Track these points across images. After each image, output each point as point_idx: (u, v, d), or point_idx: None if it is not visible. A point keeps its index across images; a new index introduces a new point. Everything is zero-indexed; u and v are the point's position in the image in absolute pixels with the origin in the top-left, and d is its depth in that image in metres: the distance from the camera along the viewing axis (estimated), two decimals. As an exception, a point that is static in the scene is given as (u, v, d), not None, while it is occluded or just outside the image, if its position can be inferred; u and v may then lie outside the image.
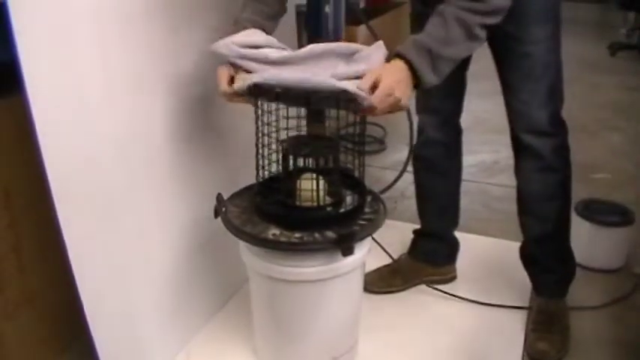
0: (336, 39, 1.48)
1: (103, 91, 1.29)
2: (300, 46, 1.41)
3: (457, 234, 1.99)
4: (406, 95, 1.30)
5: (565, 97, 1.60)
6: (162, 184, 1.52)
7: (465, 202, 2.53)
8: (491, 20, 1.30)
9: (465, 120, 1.84)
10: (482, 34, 1.31)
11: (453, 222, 1.97)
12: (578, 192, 2.32)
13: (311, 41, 1.41)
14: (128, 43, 1.34)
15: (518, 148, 1.63)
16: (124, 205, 1.39)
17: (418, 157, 1.87)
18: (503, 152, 1.66)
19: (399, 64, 1.30)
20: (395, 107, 1.30)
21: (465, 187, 2.62)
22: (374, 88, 1.26)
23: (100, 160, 1.31)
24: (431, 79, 1.30)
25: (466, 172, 2.89)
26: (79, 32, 1.21)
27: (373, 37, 1.42)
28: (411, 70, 1.29)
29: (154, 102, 1.45)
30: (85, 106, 1.25)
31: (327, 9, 1.52)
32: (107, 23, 1.28)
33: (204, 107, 1.62)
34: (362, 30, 4.50)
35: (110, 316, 1.40)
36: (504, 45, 1.54)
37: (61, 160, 1.21)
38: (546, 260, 1.73)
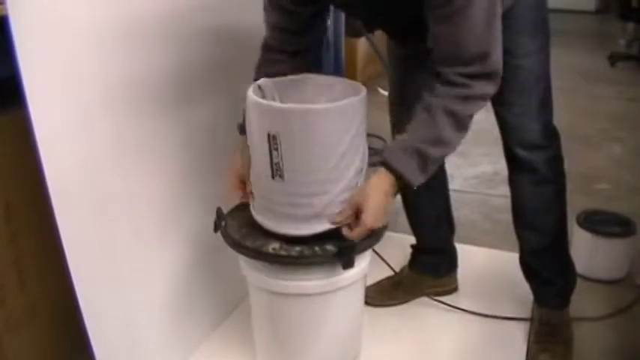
0: (336, 50, 1.49)
1: (104, 104, 1.30)
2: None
3: (458, 245, 1.98)
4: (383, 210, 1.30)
5: (565, 108, 1.59)
6: (162, 198, 1.52)
7: (465, 213, 2.53)
8: (481, 106, 1.27)
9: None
10: (470, 123, 1.28)
11: (448, 233, 1.96)
12: (580, 203, 2.32)
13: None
14: (128, 53, 1.35)
15: (512, 161, 1.61)
16: (125, 219, 1.40)
17: None
18: (504, 163, 1.65)
19: (381, 177, 1.29)
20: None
21: (465, 198, 2.63)
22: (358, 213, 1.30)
23: (101, 174, 1.31)
24: (419, 180, 1.29)
25: (467, 184, 2.92)
26: (79, 46, 1.22)
27: (373, 49, 1.42)
28: (395, 175, 1.28)
29: (156, 113, 1.46)
30: (86, 120, 1.26)
31: (328, 21, 1.53)
32: (107, 35, 1.28)
33: (207, 121, 1.63)
34: (362, 42, 4.52)
35: (111, 330, 1.39)
36: None
37: (62, 174, 1.21)
38: (546, 272, 1.72)
